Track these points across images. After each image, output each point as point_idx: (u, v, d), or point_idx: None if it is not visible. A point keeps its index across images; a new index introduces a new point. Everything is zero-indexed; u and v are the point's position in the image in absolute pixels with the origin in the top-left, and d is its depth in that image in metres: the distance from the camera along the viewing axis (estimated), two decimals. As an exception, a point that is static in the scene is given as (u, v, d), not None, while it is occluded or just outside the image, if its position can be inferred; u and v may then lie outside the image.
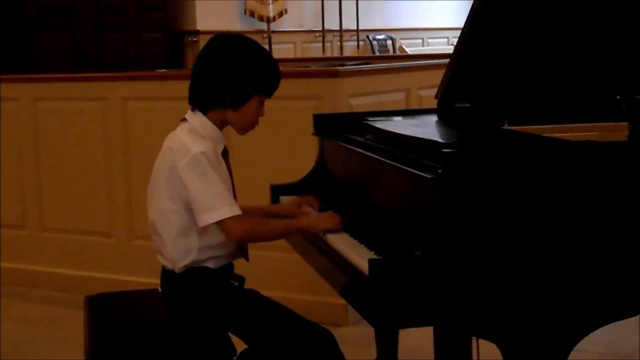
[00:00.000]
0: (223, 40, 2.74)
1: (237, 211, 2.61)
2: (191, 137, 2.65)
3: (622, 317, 2.26)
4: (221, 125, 2.72)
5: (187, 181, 2.60)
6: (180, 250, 2.68)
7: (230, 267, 2.77)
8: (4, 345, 4.39)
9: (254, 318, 2.69)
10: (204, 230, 2.66)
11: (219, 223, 2.61)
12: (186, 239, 2.67)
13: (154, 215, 2.74)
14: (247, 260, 2.81)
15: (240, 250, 2.77)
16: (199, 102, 2.71)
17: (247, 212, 2.75)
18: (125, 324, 2.87)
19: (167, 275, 2.75)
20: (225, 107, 2.69)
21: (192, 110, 2.72)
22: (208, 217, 2.60)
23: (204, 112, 2.70)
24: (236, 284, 2.75)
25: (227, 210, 2.60)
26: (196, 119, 2.70)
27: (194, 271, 2.69)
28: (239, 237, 2.66)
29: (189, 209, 2.64)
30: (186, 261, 2.68)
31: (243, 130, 2.77)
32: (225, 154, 2.73)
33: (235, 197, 2.68)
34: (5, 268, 5.51)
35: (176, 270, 2.70)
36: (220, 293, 2.71)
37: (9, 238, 5.57)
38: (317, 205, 2.93)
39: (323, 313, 4.18)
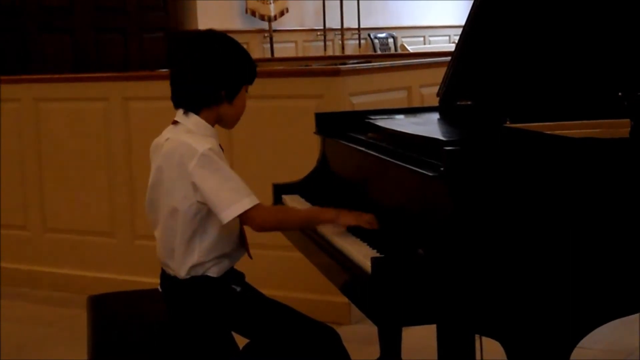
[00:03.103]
0: (201, 39, 2.74)
1: (256, 200, 2.61)
2: (191, 137, 2.64)
3: (627, 313, 2.26)
4: (213, 123, 2.73)
5: (201, 181, 2.59)
6: (184, 254, 2.67)
7: (231, 271, 2.77)
8: (7, 346, 4.39)
9: (257, 320, 2.69)
10: (205, 231, 2.65)
11: (242, 215, 2.60)
12: (190, 243, 2.67)
13: (162, 233, 2.73)
14: (250, 257, 2.81)
15: (242, 245, 2.77)
16: (193, 103, 2.70)
17: None
18: (129, 323, 2.87)
19: (169, 281, 2.75)
20: (221, 102, 2.69)
21: (185, 113, 2.71)
22: (231, 212, 2.58)
23: (197, 112, 2.70)
24: (238, 289, 2.75)
25: (248, 200, 2.59)
26: (189, 121, 2.69)
27: (197, 280, 2.69)
28: (263, 225, 2.65)
29: (197, 213, 2.64)
30: (189, 264, 2.67)
31: (233, 123, 2.78)
32: (221, 149, 2.73)
33: None
34: (8, 269, 5.52)
35: (179, 277, 2.70)
36: (223, 300, 2.70)
37: (11, 239, 5.57)
38: None
39: (325, 312, 4.18)
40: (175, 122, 2.73)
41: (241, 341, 2.73)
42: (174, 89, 2.73)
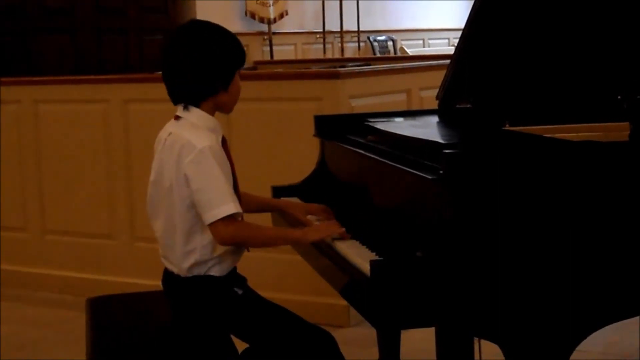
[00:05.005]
0: (192, 31, 2.75)
1: (237, 208, 2.61)
2: (194, 132, 2.65)
3: (625, 317, 2.26)
4: (213, 113, 2.74)
5: (192, 178, 2.60)
6: (184, 249, 2.68)
7: (234, 271, 2.77)
8: (7, 348, 4.39)
9: (255, 323, 2.69)
10: (205, 228, 2.66)
11: (211, 225, 2.61)
12: (190, 239, 2.67)
13: (162, 227, 2.73)
14: (247, 249, 2.80)
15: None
16: (192, 96, 2.71)
17: (250, 201, 2.81)
18: (128, 326, 2.87)
19: (171, 279, 2.75)
20: (218, 91, 2.71)
21: (185, 107, 2.72)
22: (215, 214, 2.59)
23: (197, 105, 2.71)
24: (240, 292, 2.75)
25: (225, 208, 2.59)
26: (192, 115, 2.70)
27: (200, 280, 2.69)
28: (226, 240, 2.64)
29: (191, 208, 2.65)
30: (190, 261, 2.67)
31: (232, 107, 2.79)
32: (223, 142, 2.74)
33: (237, 186, 2.70)
34: (7, 271, 5.51)
35: (182, 275, 2.70)
36: (224, 302, 2.70)
37: (10, 241, 5.57)
38: (323, 217, 2.89)
39: (325, 314, 4.18)
40: (177, 117, 2.74)
41: (239, 345, 2.73)
42: (173, 87, 2.73)
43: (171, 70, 2.73)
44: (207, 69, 2.68)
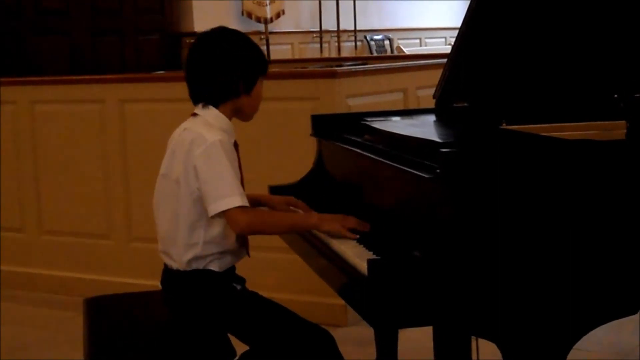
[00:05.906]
0: (218, 35, 2.79)
1: (244, 202, 2.62)
2: (207, 128, 2.68)
3: (622, 315, 2.26)
4: (230, 116, 2.77)
5: (201, 169, 2.62)
6: (186, 245, 2.69)
7: (233, 269, 2.78)
8: (3, 349, 4.39)
9: (254, 320, 2.70)
10: (210, 223, 2.66)
11: (225, 213, 2.62)
12: (193, 233, 2.68)
13: (167, 220, 2.74)
14: (248, 255, 2.81)
15: (243, 244, 2.78)
16: (213, 97, 2.74)
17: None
18: (125, 326, 2.87)
19: (170, 275, 2.75)
20: (239, 95, 2.74)
21: (204, 106, 2.74)
22: (218, 205, 2.60)
23: (216, 106, 2.74)
24: (239, 287, 2.76)
25: (238, 199, 2.61)
26: (209, 113, 2.73)
27: (198, 274, 2.69)
28: (243, 228, 2.66)
29: (198, 202, 2.65)
30: (191, 254, 2.68)
31: (252, 115, 2.83)
32: (235, 147, 2.75)
33: (243, 189, 2.70)
34: (4, 271, 5.51)
35: (181, 268, 2.70)
36: (222, 296, 2.71)
37: (7, 241, 5.57)
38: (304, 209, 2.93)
39: (323, 314, 4.18)
40: (194, 114, 2.77)
41: (239, 347, 2.73)
42: (196, 87, 2.77)
43: (195, 70, 2.76)
44: (231, 69, 2.72)
